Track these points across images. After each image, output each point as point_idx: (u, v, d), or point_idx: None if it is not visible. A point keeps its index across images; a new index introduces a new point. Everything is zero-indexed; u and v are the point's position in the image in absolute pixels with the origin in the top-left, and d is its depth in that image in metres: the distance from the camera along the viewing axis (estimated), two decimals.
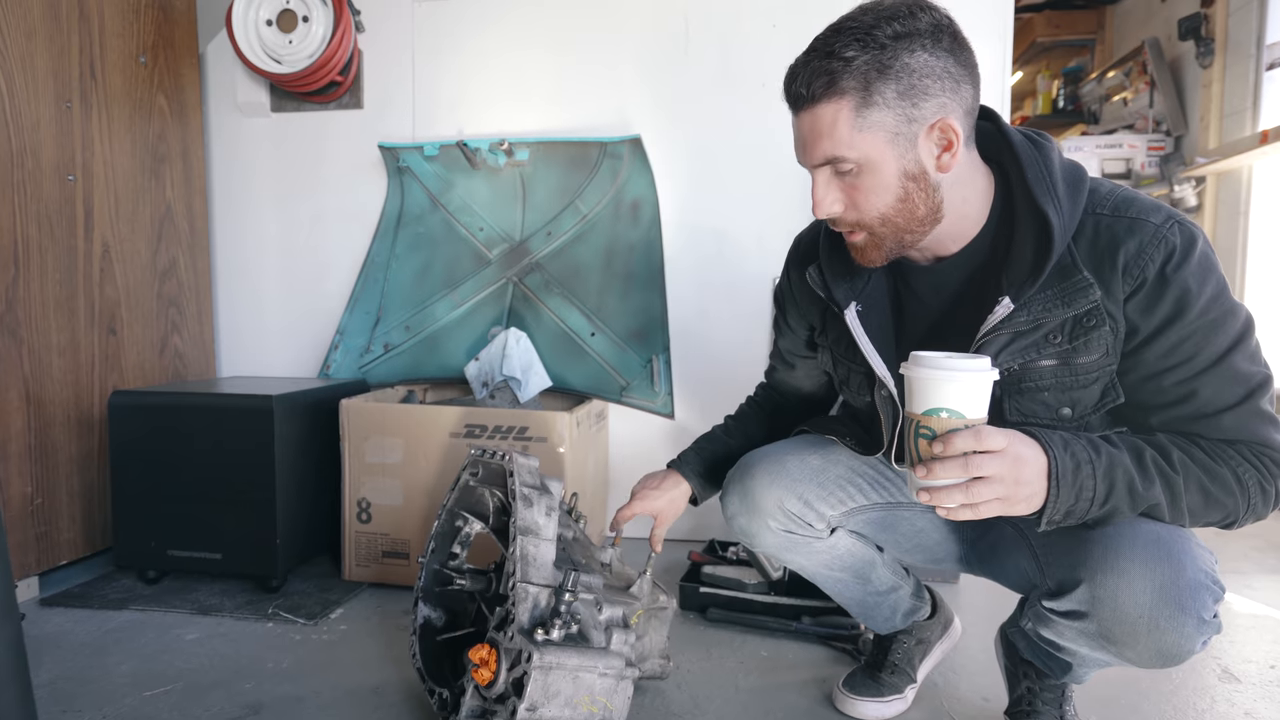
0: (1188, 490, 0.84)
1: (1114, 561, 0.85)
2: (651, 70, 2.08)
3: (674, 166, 2.06)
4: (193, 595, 1.67)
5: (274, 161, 2.30)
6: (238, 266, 2.32)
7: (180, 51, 2.15)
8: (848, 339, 1.04)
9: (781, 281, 1.23)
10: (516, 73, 2.16)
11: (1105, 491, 0.83)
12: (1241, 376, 0.85)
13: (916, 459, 0.83)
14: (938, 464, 0.80)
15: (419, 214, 2.18)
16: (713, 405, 2.10)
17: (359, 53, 2.23)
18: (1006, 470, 0.80)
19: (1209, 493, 0.84)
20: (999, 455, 0.80)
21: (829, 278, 1.05)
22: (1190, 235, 0.86)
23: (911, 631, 1.28)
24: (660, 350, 2.01)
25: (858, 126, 0.86)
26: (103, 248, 1.87)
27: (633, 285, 2.03)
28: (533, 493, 1.13)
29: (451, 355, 2.10)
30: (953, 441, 0.79)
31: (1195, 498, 0.84)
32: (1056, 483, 0.81)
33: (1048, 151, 0.92)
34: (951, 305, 1.00)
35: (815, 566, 1.20)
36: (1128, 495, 0.83)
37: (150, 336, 2.02)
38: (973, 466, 0.79)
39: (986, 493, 0.80)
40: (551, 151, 2.08)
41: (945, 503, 0.81)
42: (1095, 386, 0.92)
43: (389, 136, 2.21)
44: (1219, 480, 0.84)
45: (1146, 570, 0.84)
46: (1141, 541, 0.86)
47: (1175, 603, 0.83)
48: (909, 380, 0.84)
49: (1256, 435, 0.86)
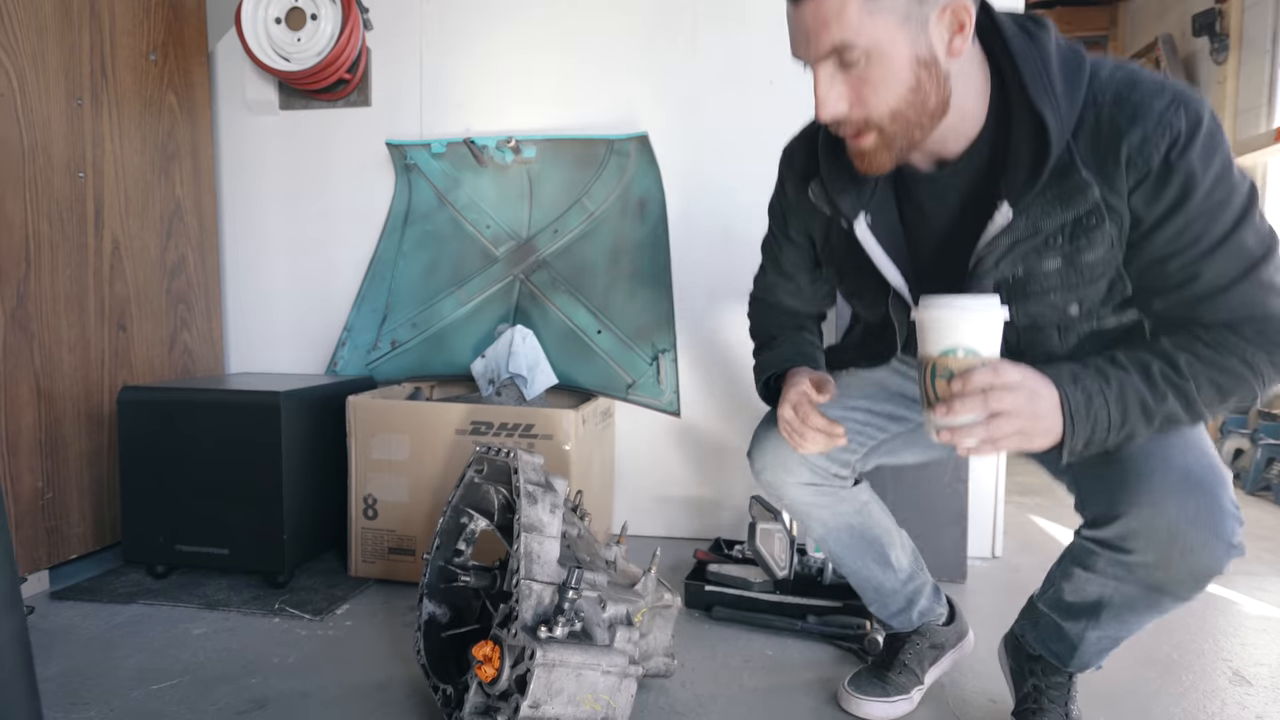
0: (1200, 391, 0.84)
1: (1150, 495, 0.87)
2: (659, 68, 2.07)
3: (681, 164, 2.06)
4: (200, 590, 1.68)
5: (282, 159, 2.31)
6: (246, 264, 2.33)
7: (190, 49, 2.16)
8: (856, 252, 1.02)
9: (776, 195, 1.18)
10: (524, 70, 2.16)
11: (1120, 417, 0.83)
12: (1245, 252, 0.84)
13: (935, 400, 0.83)
14: (957, 401, 0.80)
15: (426, 211, 2.19)
16: (720, 403, 2.10)
17: (367, 50, 2.24)
18: (1024, 404, 0.80)
19: (1221, 386, 0.84)
20: (1016, 390, 0.80)
21: (832, 191, 1.01)
22: (1195, 116, 0.82)
23: (925, 634, 1.27)
24: (667, 348, 2.01)
25: (867, 9, 0.80)
26: (113, 244, 1.89)
27: (639, 283, 2.03)
28: (537, 490, 1.12)
29: (458, 352, 2.10)
30: (971, 378, 0.80)
31: (1209, 394, 0.84)
32: (1071, 417, 0.82)
33: (1044, 43, 0.88)
34: (954, 215, 0.98)
35: (839, 526, 1.21)
36: (1142, 415, 0.84)
37: (160, 333, 2.03)
38: (992, 401, 0.79)
39: (1006, 427, 0.80)
40: (558, 149, 2.08)
41: (966, 440, 0.81)
42: (1101, 282, 0.91)
43: (396, 134, 2.22)
44: (1228, 371, 0.84)
45: (1181, 502, 0.86)
46: (1176, 475, 0.87)
47: (1210, 529, 0.85)
48: (922, 323, 0.84)
49: (1261, 310, 0.85)
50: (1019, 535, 2.19)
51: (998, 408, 0.80)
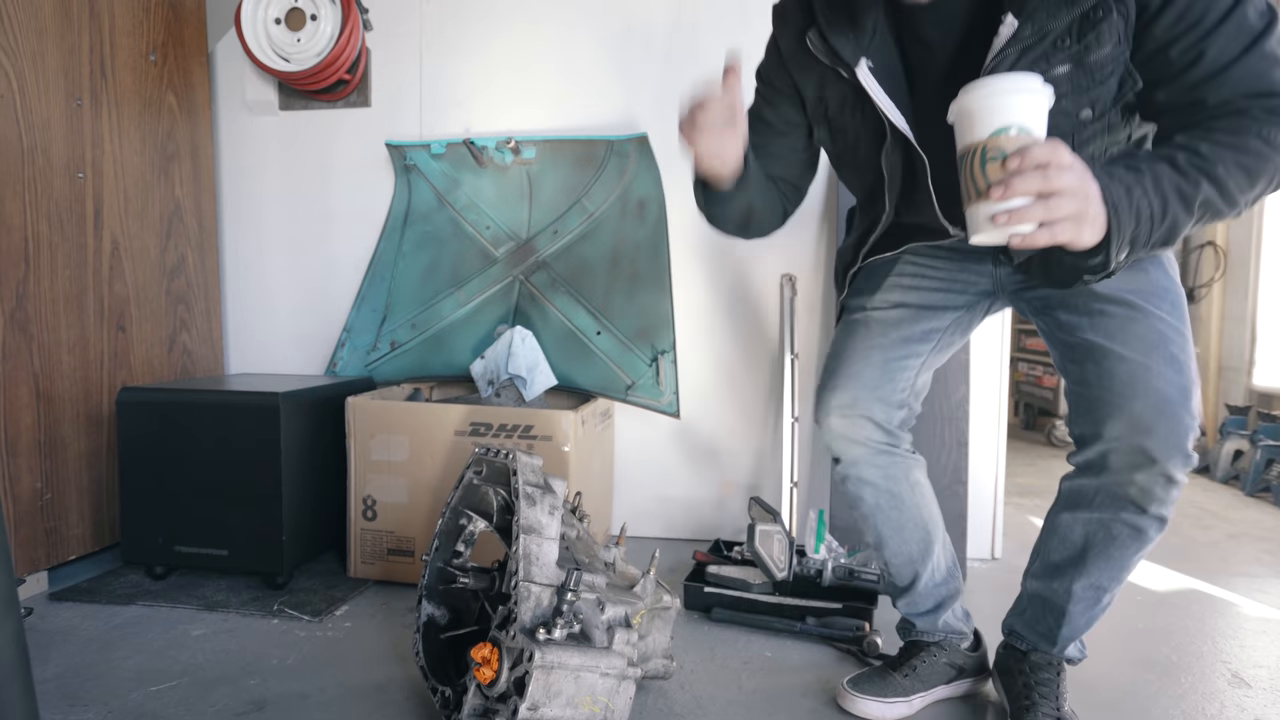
0: (1229, 173, 0.83)
1: (1127, 419, 0.97)
2: (659, 69, 2.07)
3: (681, 165, 2.05)
4: (199, 591, 1.68)
5: (282, 159, 2.31)
6: (246, 264, 2.33)
7: (190, 50, 2.16)
8: (854, 99, 1.01)
9: (766, 57, 1.17)
10: (523, 71, 2.16)
11: (1160, 207, 0.82)
12: (1247, 26, 0.84)
13: (985, 186, 0.78)
14: (1016, 179, 0.76)
15: (426, 212, 2.19)
16: (719, 405, 2.10)
17: (367, 51, 2.24)
18: (1079, 184, 0.77)
19: (1247, 168, 0.83)
20: (1074, 168, 0.77)
21: (831, 37, 1.01)
22: None
23: (946, 648, 1.27)
24: (666, 349, 2.01)
25: None
26: (112, 245, 1.88)
27: (639, 284, 2.03)
28: (536, 491, 1.12)
29: (458, 353, 2.10)
30: (1030, 153, 0.75)
31: (1238, 176, 0.83)
32: (1114, 208, 0.80)
33: None
34: (959, 42, 0.98)
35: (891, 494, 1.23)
36: (1180, 203, 0.82)
37: (159, 333, 2.03)
38: (1052, 177, 0.75)
39: (1065, 207, 0.76)
40: (558, 149, 2.07)
41: (1023, 222, 0.77)
42: (1111, 81, 0.91)
43: (396, 135, 2.22)
44: (1249, 151, 0.83)
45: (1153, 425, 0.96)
46: (1152, 399, 0.97)
47: (1173, 445, 0.97)
48: (966, 109, 0.81)
49: (1266, 84, 0.84)
50: (1019, 537, 2.19)
51: (1058, 184, 0.75)
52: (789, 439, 1.98)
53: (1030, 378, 4.17)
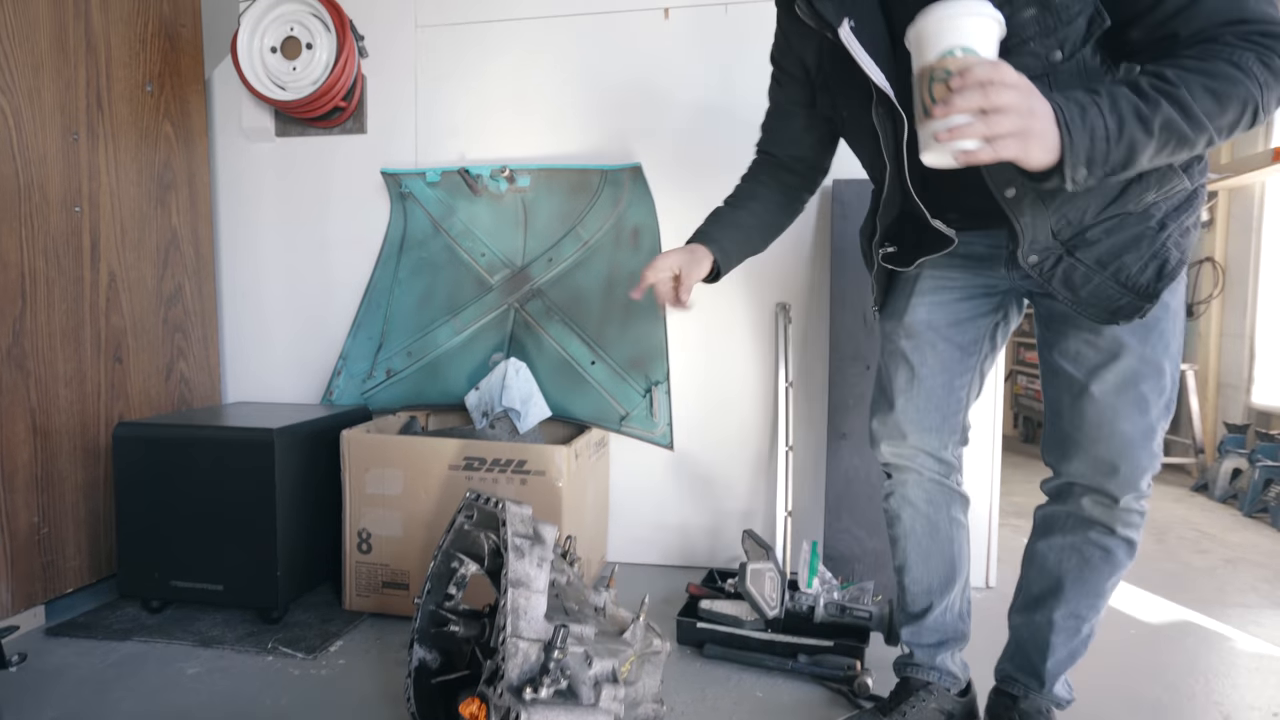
0: (1194, 96, 0.82)
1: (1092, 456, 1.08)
2: (653, 97, 2.08)
3: (675, 193, 2.06)
4: (195, 626, 1.68)
5: (279, 186, 2.32)
6: (243, 291, 2.34)
7: (186, 78, 2.17)
8: (845, 62, 1.04)
9: (775, 38, 1.24)
10: (518, 99, 2.16)
11: (1117, 124, 0.82)
12: None
13: (933, 104, 0.82)
14: (956, 96, 0.79)
15: (422, 239, 2.19)
16: (713, 436, 2.10)
17: (362, 78, 2.25)
18: (1022, 100, 0.79)
19: (1215, 91, 0.82)
20: (1016, 87, 0.79)
21: (816, 2, 1.04)
22: None
23: (935, 694, 1.27)
24: (660, 380, 2.01)
25: None
26: (109, 277, 1.89)
27: (633, 313, 2.03)
28: (525, 543, 1.13)
29: (453, 381, 2.11)
30: (971, 70, 0.79)
31: (1205, 100, 0.82)
32: (1067, 126, 0.80)
33: None
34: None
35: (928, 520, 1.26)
36: (1137, 121, 0.82)
37: (156, 363, 2.04)
38: (991, 94, 0.78)
39: (1005, 124, 0.78)
40: (553, 178, 2.08)
41: (964, 138, 0.80)
42: (1080, 19, 0.91)
43: (392, 161, 2.22)
44: (1219, 75, 0.82)
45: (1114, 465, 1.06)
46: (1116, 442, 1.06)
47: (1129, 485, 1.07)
48: (918, 34, 0.85)
49: (1237, 11, 0.84)
50: (1014, 563, 2.16)
51: (997, 101, 0.78)
52: (783, 468, 1.99)
53: (1029, 391, 4.17)
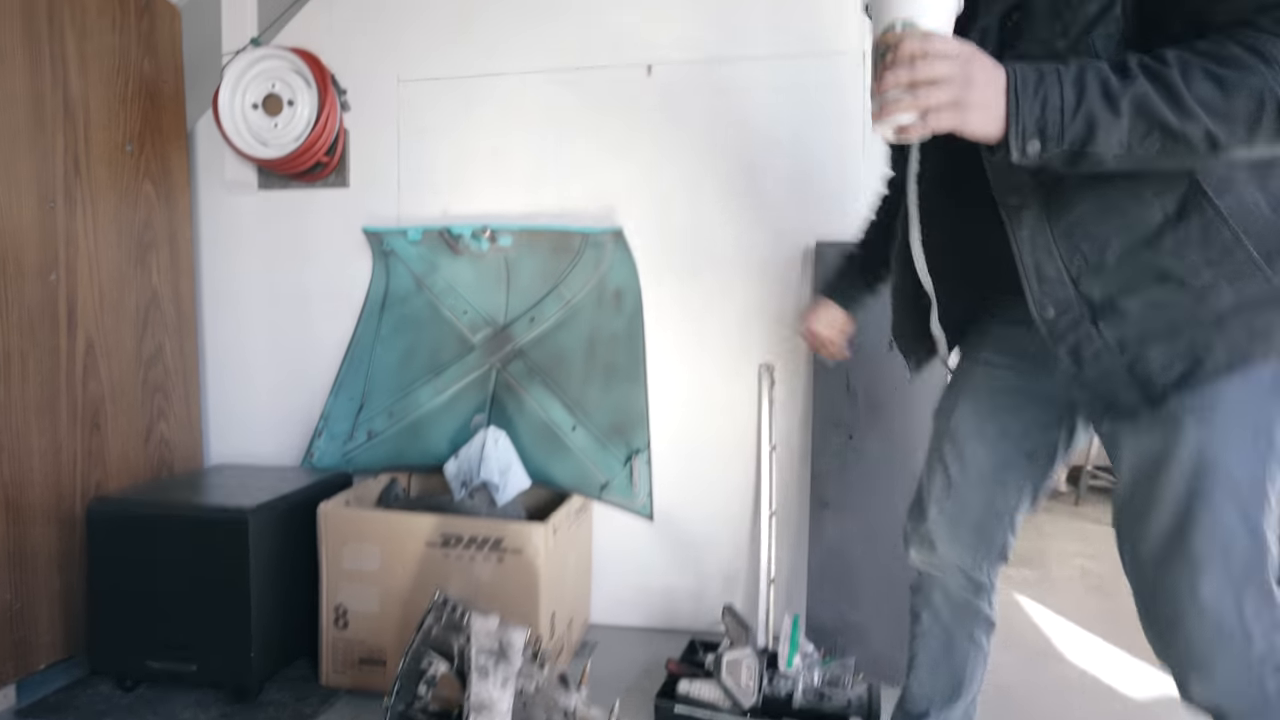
0: (1189, 79, 0.73)
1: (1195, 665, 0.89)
2: (635, 155, 2.06)
3: (658, 255, 2.04)
4: (168, 707, 1.66)
5: (262, 239, 2.31)
6: (226, 346, 2.32)
7: (168, 135, 2.16)
8: None
9: None
10: (500, 154, 2.14)
11: (1075, 95, 0.75)
12: None
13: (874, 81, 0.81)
14: (887, 72, 0.77)
15: (404, 295, 2.18)
16: (696, 499, 2.07)
17: (345, 132, 2.23)
18: (956, 70, 0.75)
19: (1218, 76, 0.72)
20: (949, 57, 0.76)
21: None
22: None
23: None
24: (641, 447, 1.99)
25: None
26: (86, 344, 1.88)
27: (615, 376, 2.01)
28: (489, 661, 1.11)
29: (435, 442, 2.09)
30: (901, 44, 0.77)
31: (1203, 86, 0.72)
32: (1016, 93, 0.76)
33: None
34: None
35: (945, 631, 1.22)
36: (1102, 96, 0.74)
37: (135, 426, 2.02)
38: (920, 68, 0.75)
39: (936, 95, 0.75)
40: (535, 237, 2.06)
41: (895, 114, 0.77)
42: (1091, 5, 0.83)
43: (375, 214, 2.21)
44: (1227, 59, 0.72)
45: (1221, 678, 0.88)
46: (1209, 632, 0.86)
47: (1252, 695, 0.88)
48: (869, 9, 0.83)
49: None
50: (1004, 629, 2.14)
51: (927, 73, 0.75)
52: (766, 534, 1.96)
53: None
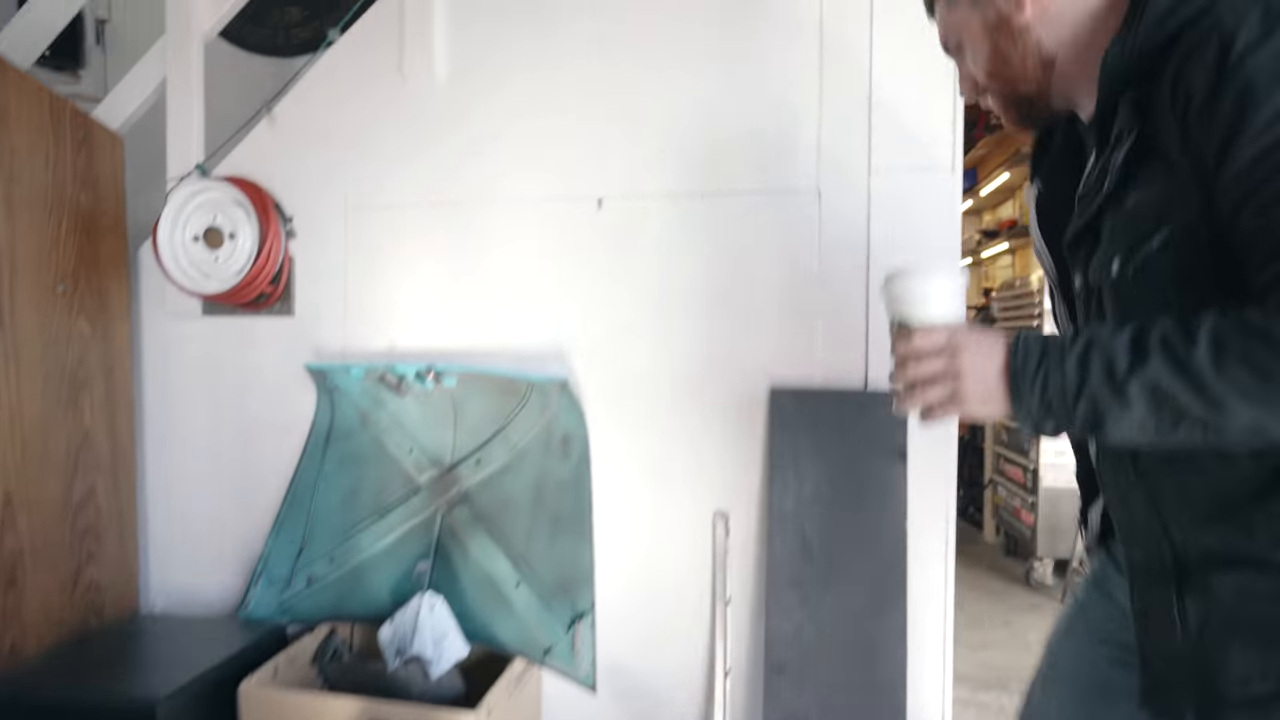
0: (1220, 363, 0.63)
1: None
2: (583, 291, 1.99)
3: (606, 402, 1.97)
4: None
5: (205, 365, 2.23)
6: (167, 480, 2.24)
7: (106, 266, 2.10)
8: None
9: None
10: (449, 285, 2.08)
11: (1077, 380, 0.70)
12: None
13: None
14: (892, 371, 0.84)
15: (348, 430, 2.10)
16: (645, 662, 1.95)
17: (290, 259, 2.17)
18: (942, 366, 0.79)
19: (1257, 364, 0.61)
20: (935, 355, 0.79)
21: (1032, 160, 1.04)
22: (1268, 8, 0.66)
23: None
24: (586, 610, 1.90)
25: (948, 5, 0.94)
26: (4, 499, 1.79)
27: (561, 528, 1.93)
28: None
29: (377, 590, 2.00)
30: (895, 348, 0.83)
31: (1235, 370, 0.62)
32: (1015, 378, 0.75)
33: None
34: None
35: None
36: (1106, 379, 0.68)
37: (60, 577, 1.93)
38: (909, 369, 0.81)
39: (930, 394, 0.80)
40: (481, 378, 1.99)
41: (905, 406, 0.83)
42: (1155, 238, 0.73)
43: (321, 343, 2.14)
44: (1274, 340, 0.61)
45: None
46: None
47: None
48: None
49: None
50: None
51: (915, 375, 0.80)
52: (721, 695, 1.87)
53: (1009, 507, 4.05)
